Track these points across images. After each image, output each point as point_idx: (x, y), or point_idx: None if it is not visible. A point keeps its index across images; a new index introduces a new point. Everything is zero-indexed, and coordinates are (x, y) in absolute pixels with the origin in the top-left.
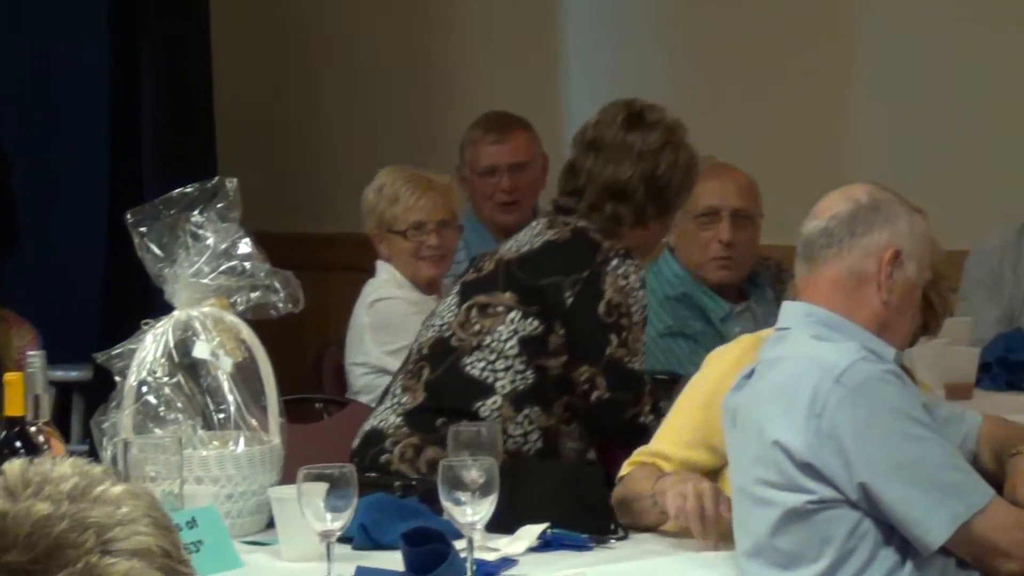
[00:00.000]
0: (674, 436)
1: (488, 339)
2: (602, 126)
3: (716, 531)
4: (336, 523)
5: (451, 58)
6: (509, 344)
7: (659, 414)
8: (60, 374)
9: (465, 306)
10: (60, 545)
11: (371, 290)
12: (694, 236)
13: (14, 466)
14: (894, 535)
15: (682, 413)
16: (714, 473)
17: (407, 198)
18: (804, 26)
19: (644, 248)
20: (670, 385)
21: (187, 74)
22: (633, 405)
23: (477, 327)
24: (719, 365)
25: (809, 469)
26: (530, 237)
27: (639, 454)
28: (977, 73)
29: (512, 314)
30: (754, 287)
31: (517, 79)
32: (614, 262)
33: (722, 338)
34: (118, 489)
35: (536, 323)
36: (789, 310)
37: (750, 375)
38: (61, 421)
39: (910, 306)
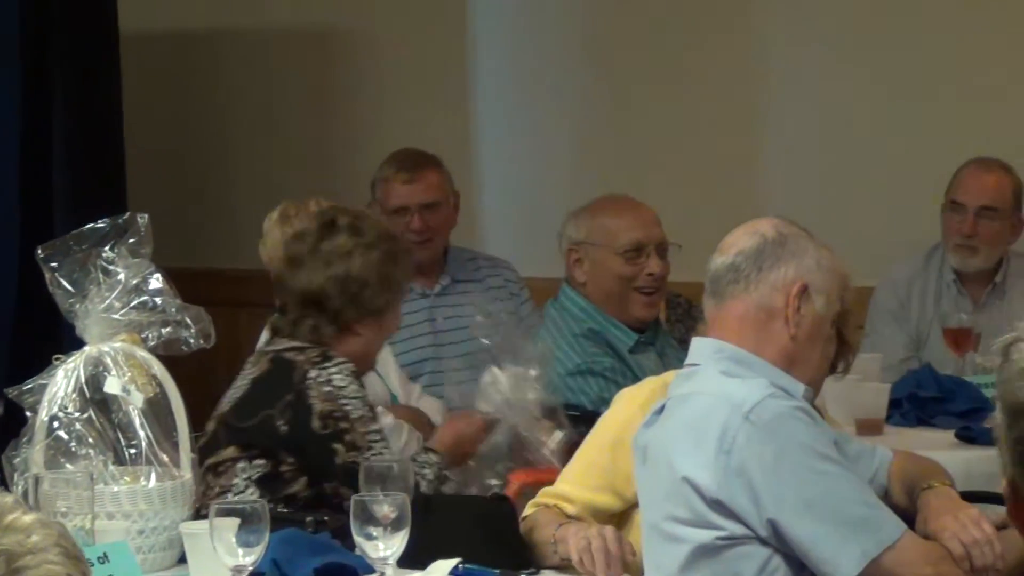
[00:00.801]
0: (579, 478)
1: (230, 496)
2: (296, 240)
3: (620, 572)
4: (248, 558)
5: (361, 94)
6: (249, 491)
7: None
8: None
9: (202, 474)
10: None
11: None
12: (618, 271)
13: None
14: (804, 571)
15: (589, 454)
16: (618, 517)
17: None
18: (710, 67)
19: (363, 356)
20: (581, 420)
21: (97, 108)
22: None
23: (217, 489)
24: (628, 407)
25: (719, 506)
26: (241, 380)
27: (543, 495)
28: (878, 112)
29: (240, 464)
30: (653, 323)
31: (427, 115)
32: (312, 373)
33: (632, 372)
34: (29, 518)
35: (263, 462)
36: (698, 346)
37: (660, 411)
38: None
39: (819, 340)
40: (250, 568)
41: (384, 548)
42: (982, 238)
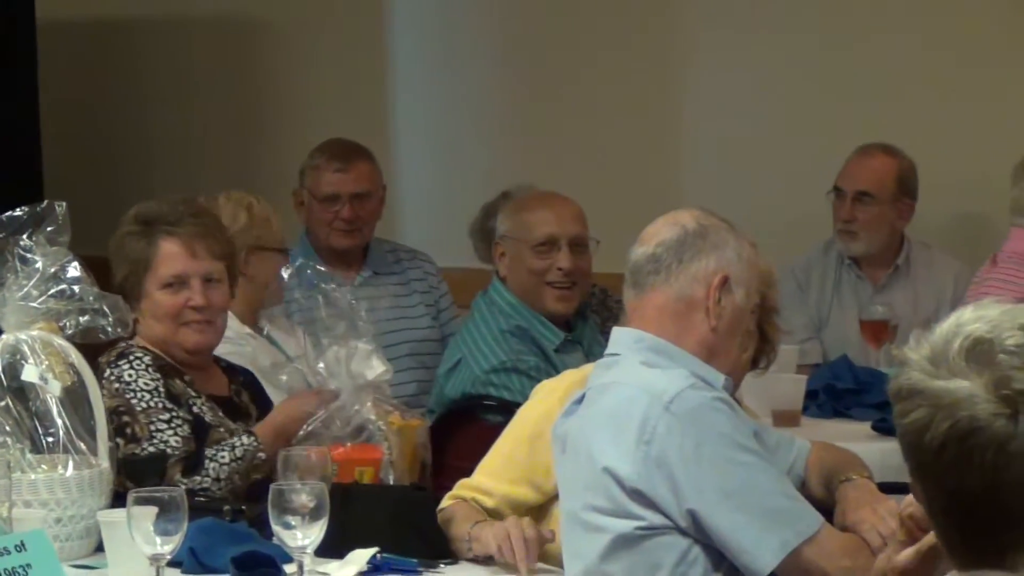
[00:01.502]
0: (497, 471)
1: None
2: None
3: (536, 555)
4: (166, 547)
5: (279, 85)
6: None
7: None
8: None
9: None
10: None
11: None
12: (530, 265)
13: None
14: (723, 562)
15: (506, 447)
16: (536, 510)
17: (278, 219)
18: (636, 55)
19: (161, 341)
20: (502, 413)
21: (14, 96)
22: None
23: None
24: (546, 401)
25: (638, 495)
26: None
27: (461, 487)
28: (791, 103)
29: None
30: (580, 318)
31: (345, 105)
32: (106, 373)
33: (556, 371)
34: None
35: None
36: (618, 336)
37: (580, 400)
38: None
39: (738, 331)
40: (168, 557)
41: (303, 537)
42: (860, 223)
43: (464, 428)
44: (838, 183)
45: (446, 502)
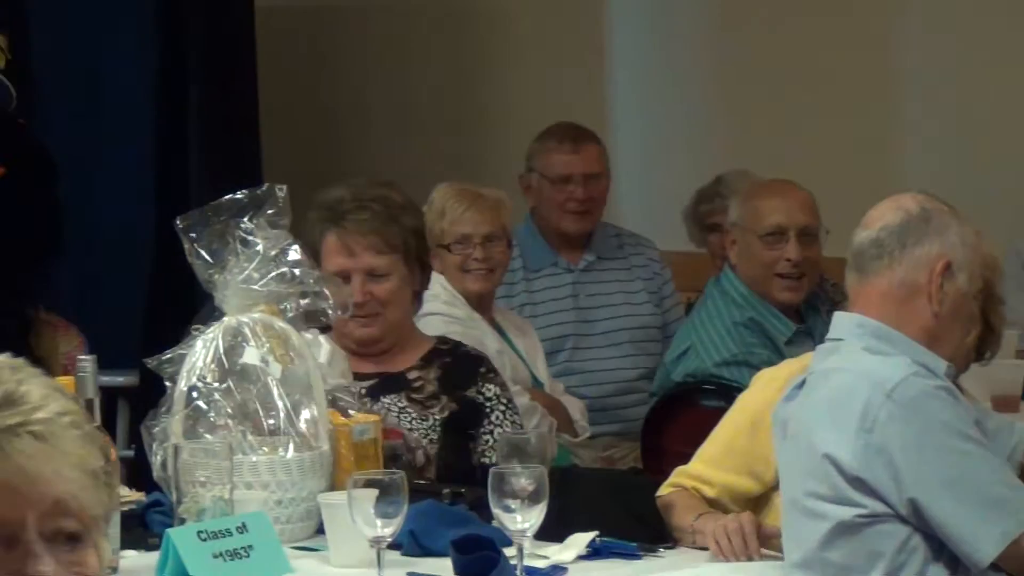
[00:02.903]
0: (717, 459)
1: None
2: None
3: (758, 551)
4: (386, 529)
5: (497, 73)
6: None
7: None
8: (106, 379)
9: None
10: None
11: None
12: (759, 255)
13: None
14: (944, 551)
15: (726, 435)
16: (756, 501)
17: (453, 211)
18: (855, 32)
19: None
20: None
21: (232, 77)
22: None
23: None
24: (767, 389)
25: (859, 483)
26: None
27: (680, 475)
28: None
29: None
30: (811, 308)
31: (563, 91)
32: None
33: None
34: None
35: None
36: (840, 321)
37: (801, 385)
38: (107, 426)
39: (961, 317)
40: (388, 539)
41: (522, 520)
42: None
43: (682, 413)
44: None
45: (665, 489)
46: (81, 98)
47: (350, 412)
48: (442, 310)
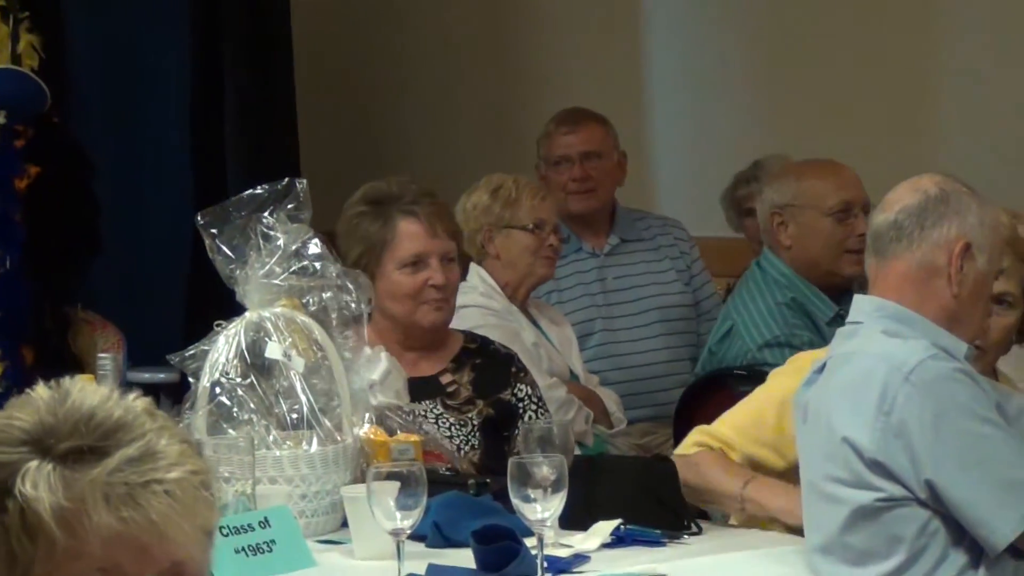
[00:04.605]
0: (744, 428)
1: None
2: None
3: None
4: (406, 521)
5: (533, 56)
6: None
7: None
8: (147, 376)
9: None
10: (121, 426)
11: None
12: (828, 232)
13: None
14: (965, 535)
15: (757, 406)
16: (777, 477)
17: (529, 199)
18: (889, 18)
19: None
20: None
21: (269, 74)
22: None
23: None
24: (803, 372)
25: (878, 467)
26: None
27: (703, 433)
28: None
29: None
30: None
31: (599, 75)
32: None
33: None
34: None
35: None
36: (860, 304)
37: (821, 369)
38: None
39: (981, 298)
40: (408, 531)
41: (542, 510)
42: None
43: (714, 398)
44: None
45: (689, 448)
46: (118, 98)
47: (396, 432)
48: (479, 302)
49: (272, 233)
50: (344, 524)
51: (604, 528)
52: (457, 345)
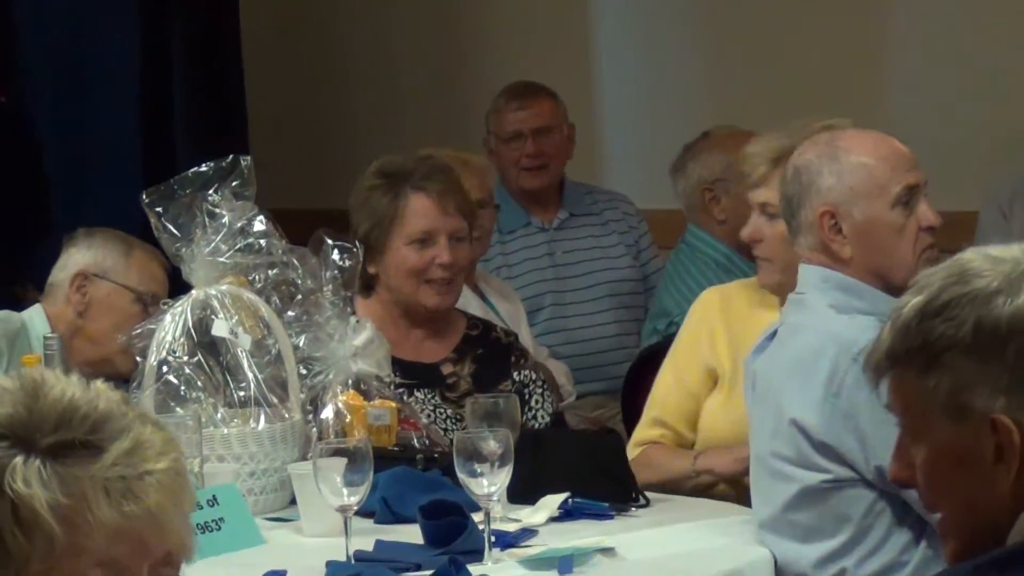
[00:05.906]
0: (673, 407)
1: None
2: None
3: None
4: (353, 498)
5: (479, 29)
6: None
7: None
8: None
9: None
10: (108, 418)
11: None
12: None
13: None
14: (909, 513)
15: (675, 377)
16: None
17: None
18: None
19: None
20: None
21: (217, 54)
22: None
23: None
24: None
25: (825, 448)
26: None
27: (638, 434)
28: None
29: None
30: None
31: (546, 49)
32: None
33: None
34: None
35: None
36: (806, 274)
37: (772, 336)
38: None
39: (885, 239)
40: (355, 507)
41: (489, 484)
42: None
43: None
44: None
45: (635, 452)
46: (69, 80)
47: (373, 397)
48: None
49: (217, 211)
50: (293, 502)
51: (552, 502)
52: (460, 330)
